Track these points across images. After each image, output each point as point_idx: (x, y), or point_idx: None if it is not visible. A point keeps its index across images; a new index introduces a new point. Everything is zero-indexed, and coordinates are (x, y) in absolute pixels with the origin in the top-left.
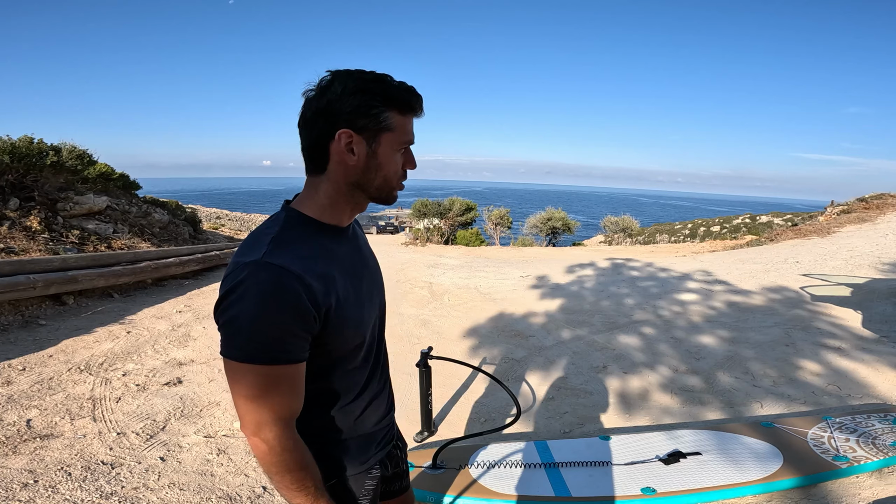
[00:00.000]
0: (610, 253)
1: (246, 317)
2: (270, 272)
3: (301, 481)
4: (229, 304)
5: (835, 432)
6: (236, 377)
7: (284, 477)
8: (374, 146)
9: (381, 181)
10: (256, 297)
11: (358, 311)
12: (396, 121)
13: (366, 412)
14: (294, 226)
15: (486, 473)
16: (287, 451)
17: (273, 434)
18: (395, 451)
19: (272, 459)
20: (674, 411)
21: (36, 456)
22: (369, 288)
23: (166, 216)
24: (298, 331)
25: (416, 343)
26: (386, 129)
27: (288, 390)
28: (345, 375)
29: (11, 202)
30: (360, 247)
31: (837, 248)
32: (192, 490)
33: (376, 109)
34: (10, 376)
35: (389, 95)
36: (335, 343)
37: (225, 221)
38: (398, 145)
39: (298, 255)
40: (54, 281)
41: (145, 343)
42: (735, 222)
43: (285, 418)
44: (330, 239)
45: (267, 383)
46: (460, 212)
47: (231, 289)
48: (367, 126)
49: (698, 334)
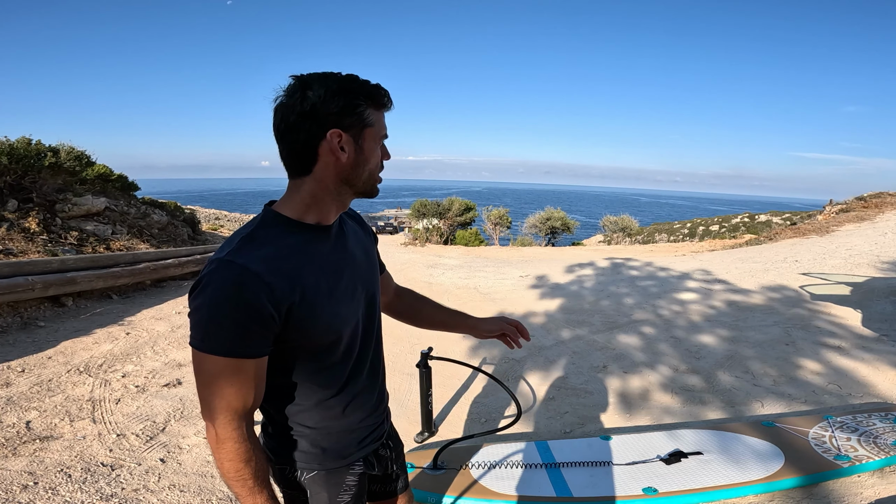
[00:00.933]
0: (609, 252)
1: (205, 310)
2: (231, 270)
3: (240, 472)
4: (195, 295)
5: (836, 431)
6: (196, 364)
7: (224, 465)
8: (360, 142)
9: (367, 175)
10: (215, 293)
11: (332, 309)
12: (375, 116)
13: (348, 408)
14: (268, 225)
15: (486, 474)
16: (233, 441)
17: (220, 422)
18: (383, 450)
19: (216, 446)
20: (674, 411)
21: (35, 458)
22: (351, 284)
23: (165, 217)
24: (255, 328)
25: (416, 343)
26: (368, 125)
27: (241, 383)
28: (322, 371)
29: (10, 204)
30: (347, 245)
31: (836, 247)
32: (193, 492)
33: (360, 108)
34: (9, 378)
35: (367, 93)
36: (304, 339)
37: (224, 222)
38: (379, 139)
39: (264, 255)
40: (53, 282)
41: (144, 344)
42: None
43: (237, 410)
44: (307, 238)
45: (222, 374)
46: (459, 212)
47: (198, 281)
48: (354, 124)
49: (698, 333)
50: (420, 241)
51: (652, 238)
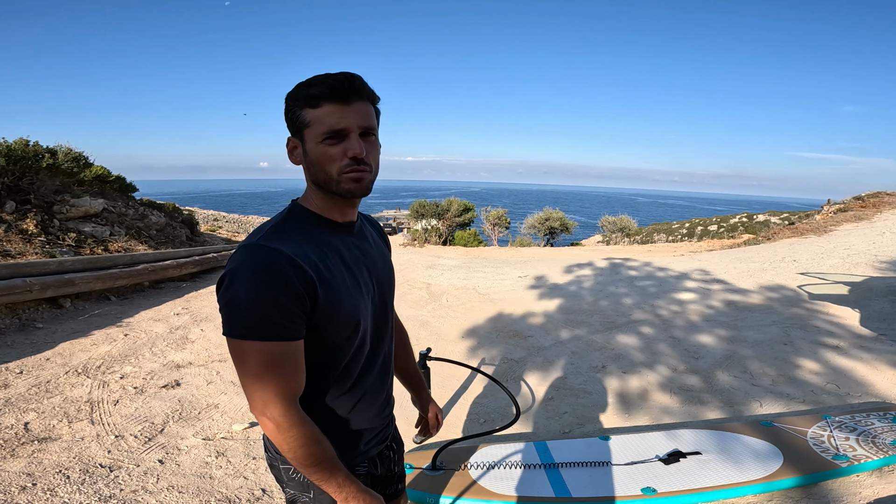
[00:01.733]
0: (608, 253)
1: (243, 295)
2: (265, 253)
3: (314, 455)
4: (228, 283)
5: (834, 431)
6: (240, 356)
7: (296, 452)
8: (304, 145)
9: (323, 175)
10: (252, 276)
11: (353, 301)
12: (311, 115)
13: (357, 407)
14: (295, 218)
15: (485, 474)
16: (294, 426)
17: (278, 411)
18: (387, 451)
19: (282, 437)
20: (673, 411)
21: (34, 459)
22: (369, 282)
23: (163, 218)
24: (293, 308)
25: (415, 344)
26: (304, 126)
27: (289, 367)
28: (336, 367)
29: (7, 205)
30: (366, 245)
31: (834, 247)
32: (191, 493)
33: (293, 112)
34: (7, 380)
35: (297, 96)
36: (327, 329)
37: (222, 223)
38: (319, 137)
39: (293, 242)
40: (51, 284)
41: (143, 346)
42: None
43: (289, 395)
44: (330, 232)
45: (268, 360)
46: (458, 212)
47: (230, 269)
48: (295, 129)
49: (697, 333)
50: (419, 242)
51: (650, 238)
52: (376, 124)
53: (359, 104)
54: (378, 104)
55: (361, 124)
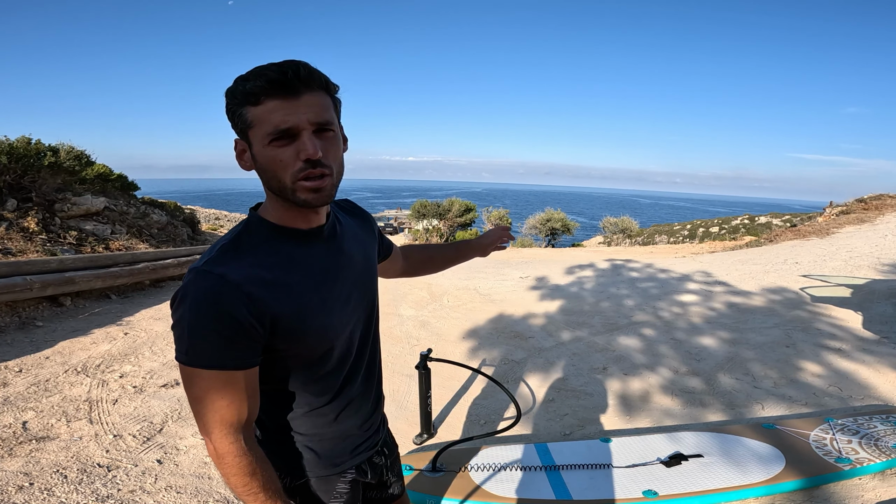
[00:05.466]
0: (609, 254)
1: (186, 322)
2: (207, 280)
3: (247, 486)
4: (175, 308)
5: (837, 434)
6: (184, 378)
7: (229, 480)
8: (251, 148)
9: (276, 183)
10: (193, 305)
11: (324, 319)
12: (253, 114)
13: (341, 416)
14: (252, 231)
15: (485, 476)
16: (230, 454)
17: (216, 437)
18: (378, 457)
19: (218, 462)
20: (675, 413)
21: (31, 458)
22: (346, 291)
23: (165, 217)
24: (238, 338)
25: (415, 345)
26: (247, 126)
27: (233, 396)
28: (315, 380)
29: (9, 203)
30: (341, 248)
31: (837, 249)
32: (189, 493)
33: (233, 111)
34: (6, 378)
35: (235, 91)
36: (295, 350)
37: (224, 222)
38: (265, 138)
39: (246, 263)
40: (51, 282)
41: (143, 345)
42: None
43: (230, 423)
44: (294, 243)
45: (212, 387)
46: (459, 213)
47: (177, 293)
48: (240, 130)
49: (699, 335)
50: (420, 242)
51: (652, 239)
52: (335, 117)
53: (308, 96)
54: (337, 93)
55: (314, 119)
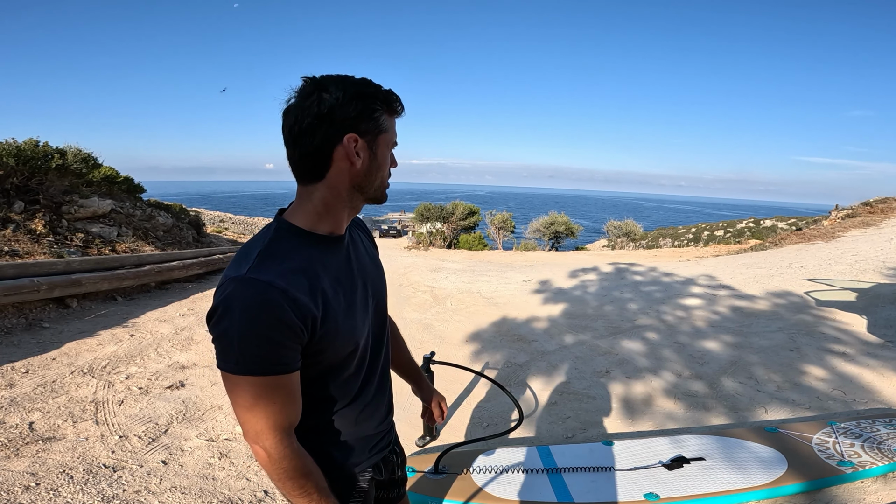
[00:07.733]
0: (613, 257)
1: (235, 331)
2: (255, 288)
3: (302, 488)
4: (218, 318)
5: (840, 437)
6: (233, 388)
7: (285, 483)
8: (375, 148)
9: (379, 181)
10: (243, 313)
11: (350, 322)
12: (389, 122)
13: (360, 416)
14: (284, 237)
15: (488, 478)
16: (286, 458)
17: (271, 442)
18: (391, 456)
19: (272, 467)
20: (677, 416)
21: (38, 459)
22: (364, 295)
23: (170, 219)
24: (287, 342)
25: (418, 347)
26: (383, 130)
27: (283, 399)
28: (338, 382)
29: (16, 205)
30: (358, 254)
31: (842, 253)
32: (194, 494)
33: (377, 113)
34: (13, 379)
35: (384, 98)
36: (326, 353)
37: (228, 225)
38: (391, 145)
39: (285, 269)
40: (58, 284)
41: (148, 346)
42: (739, 226)
43: (282, 427)
44: (322, 250)
45: (261, 393)
46: (463, 216)
47: (219, 304)
48: (370, 130)
49: (702, 339)
50: (423, 245)
51: (656, 243)
52: None
53: None
54: None
55: None
